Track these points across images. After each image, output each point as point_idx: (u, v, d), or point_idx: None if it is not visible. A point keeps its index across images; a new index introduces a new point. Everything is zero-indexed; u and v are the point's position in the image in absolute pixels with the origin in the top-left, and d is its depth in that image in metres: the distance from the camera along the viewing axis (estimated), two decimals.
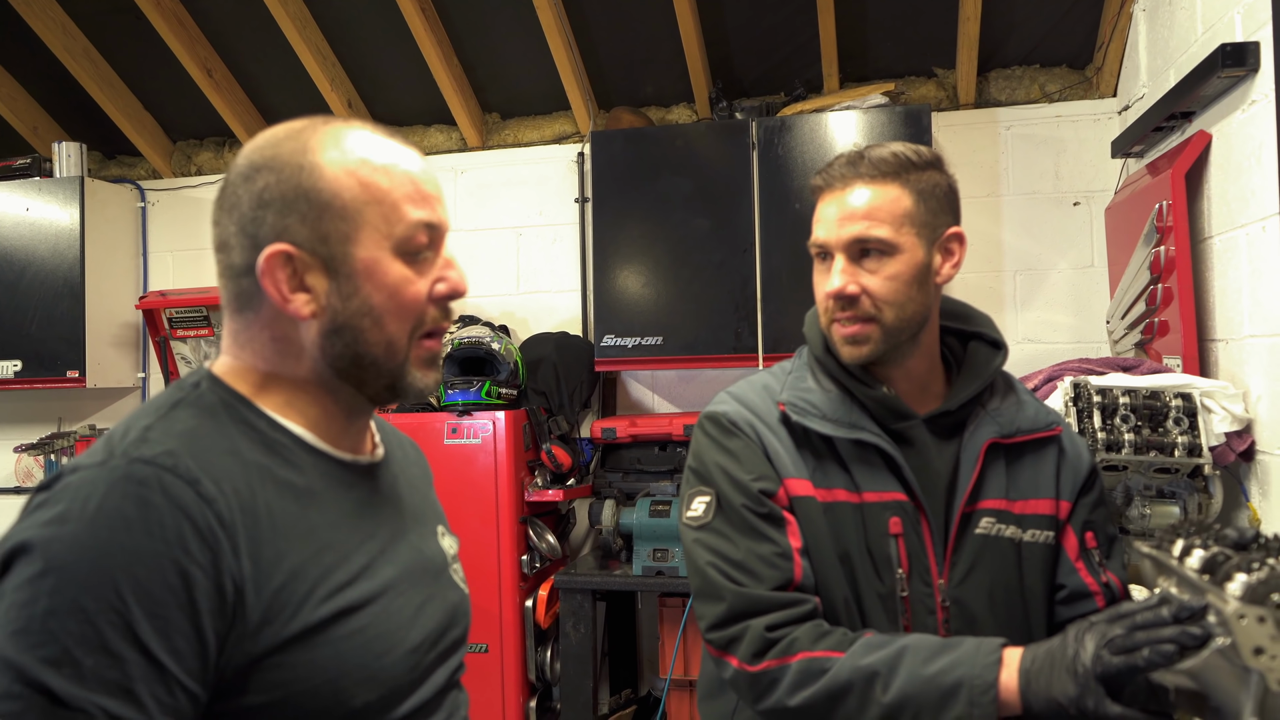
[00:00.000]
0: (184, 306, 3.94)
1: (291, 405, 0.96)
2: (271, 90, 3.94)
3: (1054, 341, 3.40)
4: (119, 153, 4.30)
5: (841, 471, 1.29)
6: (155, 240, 4.22)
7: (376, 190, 0.93)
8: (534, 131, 3.90)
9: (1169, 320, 2.61)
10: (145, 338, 4.16)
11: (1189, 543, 1.00)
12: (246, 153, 0.96)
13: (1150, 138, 2.88)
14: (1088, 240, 3.39)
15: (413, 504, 1.07)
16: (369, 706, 0.89)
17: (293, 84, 3.81)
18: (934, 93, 3.55)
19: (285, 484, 0.91)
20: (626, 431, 3.34)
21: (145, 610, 0.78)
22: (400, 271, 0.94)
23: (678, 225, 3.36)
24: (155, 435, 0.86)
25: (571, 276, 3.79)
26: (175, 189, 4.20)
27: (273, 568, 0.85)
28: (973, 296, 2.44)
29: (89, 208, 3.89)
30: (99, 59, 3.87)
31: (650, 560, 3.10)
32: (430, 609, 1.00)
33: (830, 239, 1.30)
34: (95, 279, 3.92)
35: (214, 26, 3.70)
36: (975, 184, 3.47)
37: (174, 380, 3.98)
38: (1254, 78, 2.18)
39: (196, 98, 3.87)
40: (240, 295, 0.96)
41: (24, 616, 0.76)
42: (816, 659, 1.16)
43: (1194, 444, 2.18)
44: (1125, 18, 3.14)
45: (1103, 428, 2.22)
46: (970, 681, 1.07)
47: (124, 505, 0.79)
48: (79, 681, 0.75)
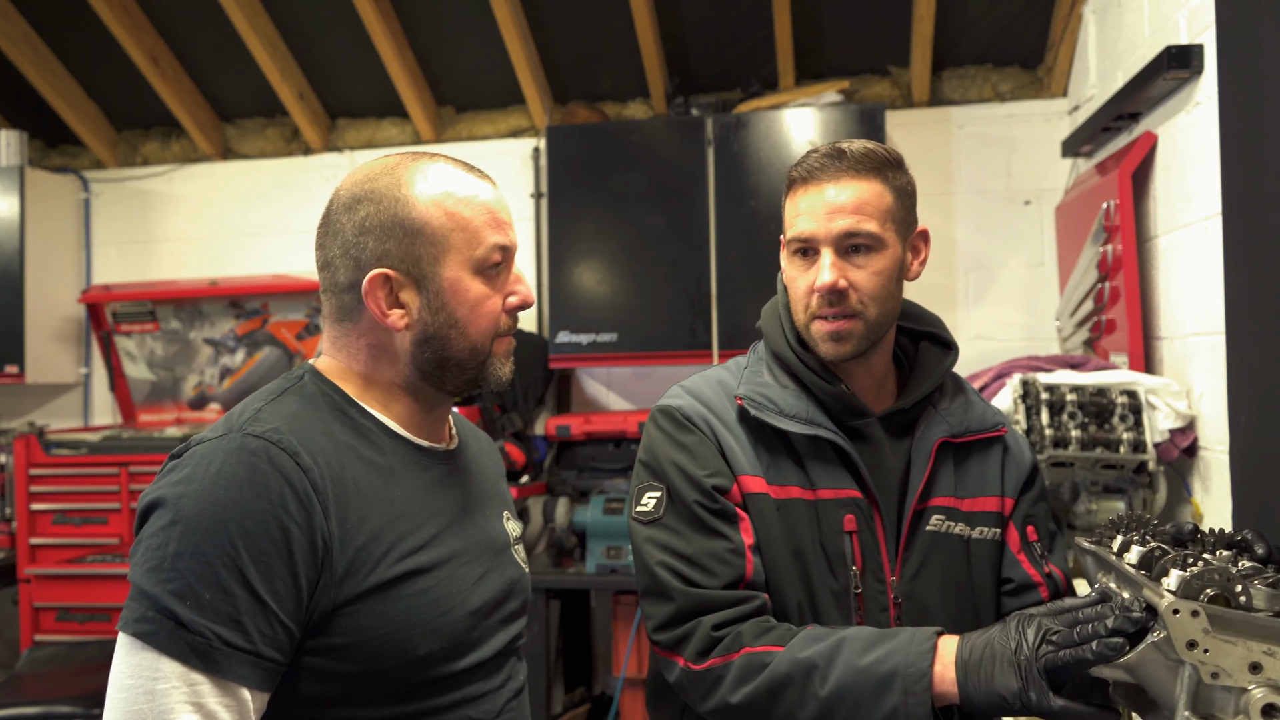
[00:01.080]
0: (129, 301, 3.86)
1: (380, 399, 1.12)
2: (220, 80, 3.87)
3: (1005, 339, 3.44)
4: (61, 141, 4.20)
5: (796, 468, 1.29)
6: (99, 232, 4.13)
7: (460, 219, 1.10)
8: (489, 125, 3.86)
9: (1116, 318, 2.65)
10: (88, 333, 4.07)
11: (1127, 538, 1.00)
12: (347, 186, 1.11)
13: (1099, 138, 2.92)
14: (1038, 239, 3.43)
15: (482, 489, 1.22)
16: (432, 655, 1.04)
17: (242, 74, 3.74)
18: (888, 91, 3.57)
19: (369, 462, 1.06)
20: (581, 429, 3.32)
21: (253, 557, 0.94)
22: (480, 288, 1.11)
23: (634, 221, 3.34)
24: (265, 415, 1.02)
25: (526, 273, 3.74)
26: (120, 180, 4.11)
27: (356, 530, 1.00)
28: (926, 294, 2.45)
29: (29, 198, 3.80)
30: (40, 45, 3.77)
31: (604, 558, 3.08)
32: (490, 579, 1.13)
33: (818, 232, 1.26)
34: (36, 272, 3.82)
35: (161, 13, 3.62)
36: (929, 182, 3.50)
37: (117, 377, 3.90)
38: (1198, 80, 2.21)
39: (142, 86, 3.78)
40: (342, 308, 1.12)
41: (157, 557, 0.93)
42: (758, 654, 1.16)
43: (1139, 440, 2.21)
44: (1075, 19, 3.18)
45: (1050, 424, 2.24)
46: (904, 671, 1.07)
47: (238, 470, 0.96)
48: (199, 611, 0.92)
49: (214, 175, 4.03)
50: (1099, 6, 3.01)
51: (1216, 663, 0.81)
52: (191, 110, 3.86)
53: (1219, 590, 0.83)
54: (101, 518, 3.41)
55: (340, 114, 3.95)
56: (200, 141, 3.96)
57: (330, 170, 3.92)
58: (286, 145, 3.97)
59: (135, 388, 3.97)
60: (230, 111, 4.00)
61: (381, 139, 3.92)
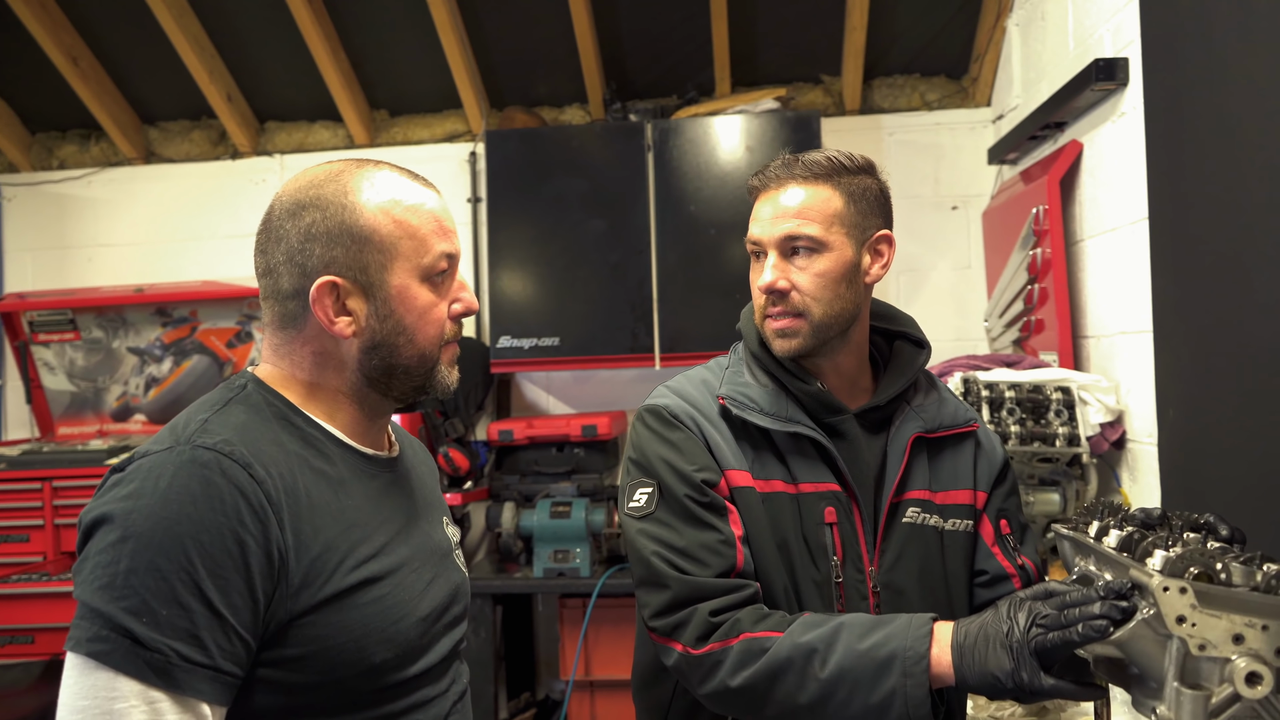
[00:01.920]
0: (47, 309, 3.71)
1: (324, 408, 1.12)
2: (143, 81, 3.75)
3: (936, 339, 3.49)
4: None
5: (778, 463, 1.34)
6: (12, 239, 3.96)
7: (407, 226, 1.10)
8: (424, 130, 3.83)
9: (1045, 318, 2.77)
10: (3, 342, 3.90)
11: (1104, 524, 1.06)
12: (290, 192, 1.10)
13: (1024, 146, 3.05)
14: (965, 242, 3.56)
15: (422, 495, 1.23)
16: (386, 663, 1.04)
17: (167, 75, 3.63)
18: (821, 99, 3.66)
19: (320, 472, 1.06)
20: (524, 433, 3.32)
21: (209, 571, 0.93)
22: (427, 296, 1.12)
23: (573, 226, 3.36)
24: (213, 426, 1.01)
25: (464, 277, 3.73)
26: (35, 184, 3.95)
27: (310, 540, 1.00)
28: None
29: None
30: None
31: (551, 562, 3.09)
32: (437, 585, 1.15)
33: (764, 236, 1.34)
34: None
35: (81, 11, 3.50)
36: None
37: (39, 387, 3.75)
38: (1124, 91, 2.33)
39: (60, 87, 3.65)
40: (285, 315, 1.10)
41: (108, 574, 0.91)
42: (757, 639, 1.20)
43: (1073, 434, 2.31)
44: (1000, 32, 3.31)
45: (991, 420, 2.33)
46: (903, 654, 1.12)
47: (190, 484, 0.94)
48: (156, 628, 0.90)
49: (136, 179, 3.91)
50: (1023, 20, 3.14)
51: (1203, 635, 0.87)
52: (113, 112, 3.74)
53: (1202, 568, 0.89)
54: (23, 535, 3.27)
55: (270, 117, 3.87)
56: (121, 144, 3.83)
57: (260, 174, 3.84)
58: (213, 148, 3.88)
59: (54, 399, 3.82)
60: (153, 114, 3.88)
61: (313, 142, 3.85)
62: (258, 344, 3.73)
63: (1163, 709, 0.90)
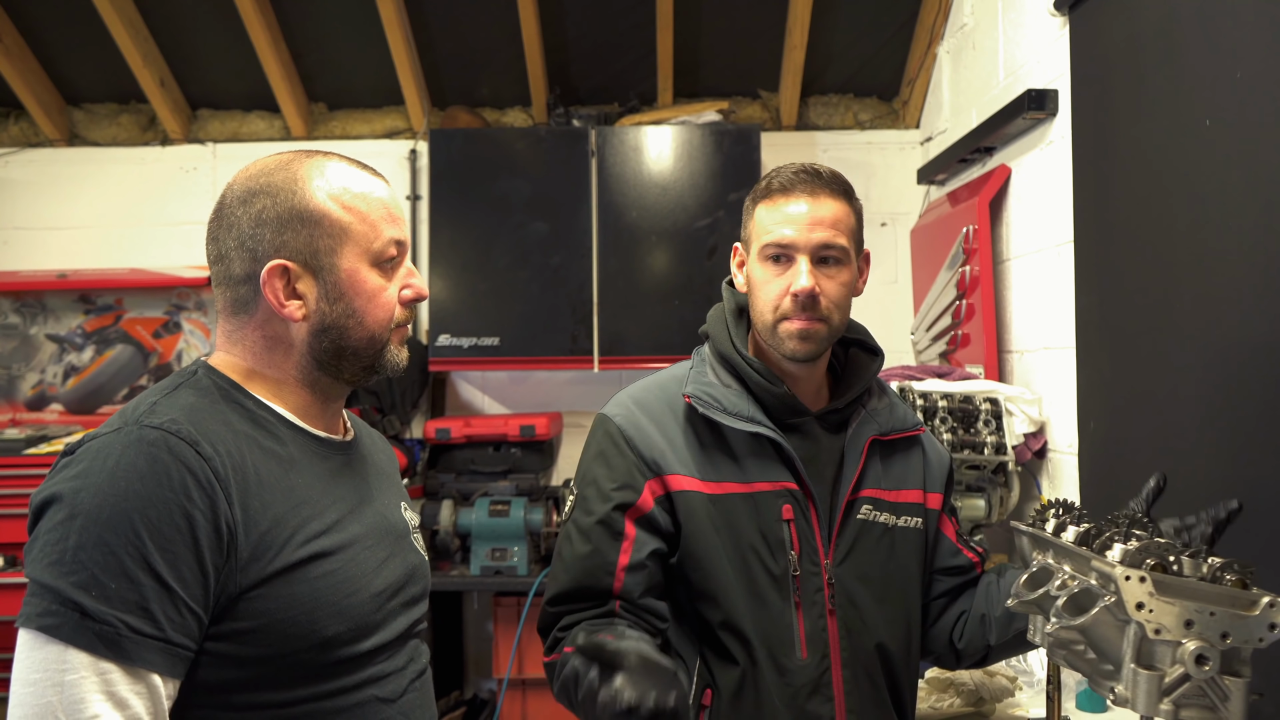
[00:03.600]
0: None
1: (276, 392, 1.14)
2: (72, 62, 3.63)
3: None
4: None
5: (732, 463, 1.40)
6: None
7: (357, 212, 1.13)
8: (364, 125, 3.80)
9: (971, 333, 2.91)
10: None
11: (1060, 521, 1.16)
12: (242, 180, 1.14)
13: (954, 168, 3.20)
14: (893, 258, 3.70)
15: (378, 480, 1.26)
16: (339, 636, 1.06)
17: (97, 56, 3.53)
18: (759, 113, 3.77)
19: (269, 451, 1.08)
20: (461, 432, 3.33)
21: (157, 545, 0.95)
22: (377, 280, 1.15)
23: (516, 227, 3.38)
24: (161, 408, 1.03)
25: None
26: None
27: (259, 515, 1.03)
28: None
29: None
30: None
31: (489, 560, 3.11)
32: (392, 564, 1.17)
33: (798, 240, 1.38)
34: None
35: None
36: None
37: None
38: (1052, 120, 2.48)
39: None
40: (237, 301, 1.13)
41: (57, 551, 0.94)
42: (566, 654, 1.28)
43: (1000, 443, 2.45)
44: (931, 58, 3.46)
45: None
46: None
47: (138, 461, 0.97)
48: (105, 601, 0.93)
49: (58, 161, 3.77)
50: (954, 48, 3.29)
51: (1159, 621, 0.96)
52: (36, 92, 3.61)
53: (1157, 560, 0.98)
54: None
55: (203, 104, 3.79)
56: (44, 124, 3.70)
57: (191, 162, 3.75)
58: (142, 134, 3.77)
59: None
60: (78, 95, 3.76)
61: (248, 132, 3.78)
62: (185, 335, 3.65)
63: (1120, 688, 0.99)
